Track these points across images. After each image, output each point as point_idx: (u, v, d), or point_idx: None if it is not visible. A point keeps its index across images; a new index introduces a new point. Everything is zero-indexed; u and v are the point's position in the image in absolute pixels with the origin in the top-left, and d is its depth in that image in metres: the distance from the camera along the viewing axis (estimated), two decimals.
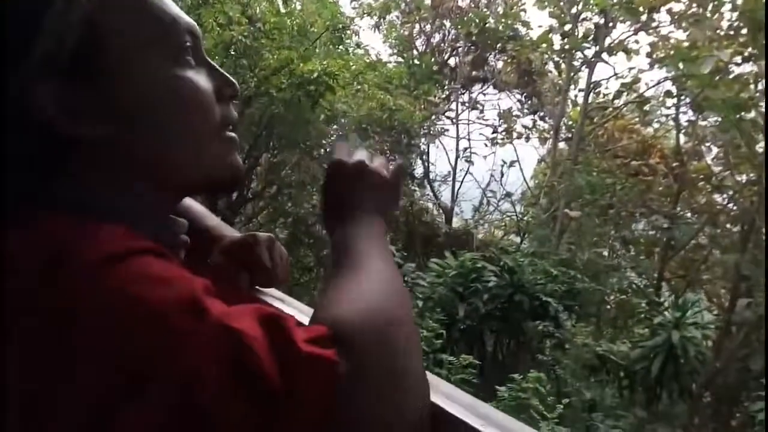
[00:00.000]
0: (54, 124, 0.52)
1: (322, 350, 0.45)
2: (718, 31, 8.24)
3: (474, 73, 12.60)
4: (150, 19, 0.56)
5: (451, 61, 12.69)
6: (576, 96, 10.91)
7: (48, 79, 0.52)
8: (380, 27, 12.01)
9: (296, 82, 6.29)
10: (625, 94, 10.35)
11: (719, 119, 7.96)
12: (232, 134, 0.63)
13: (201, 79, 0.59)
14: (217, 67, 0.62)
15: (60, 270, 0.44)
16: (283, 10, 6.77)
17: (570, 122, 11.20)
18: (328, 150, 8.30)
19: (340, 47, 8.53)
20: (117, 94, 0.55)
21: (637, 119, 11.08)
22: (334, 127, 8.50)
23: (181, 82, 0.57)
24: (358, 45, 9.88)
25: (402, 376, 0.50)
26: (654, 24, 9.58)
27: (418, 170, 11.74)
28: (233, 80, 0.63)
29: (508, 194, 12.11)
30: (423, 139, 11.13)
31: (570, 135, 11.17)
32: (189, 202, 0.92)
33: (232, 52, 6.38)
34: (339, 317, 0.49)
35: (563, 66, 11.03)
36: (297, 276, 8.70)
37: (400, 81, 9.80)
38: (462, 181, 12.20)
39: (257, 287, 0.83)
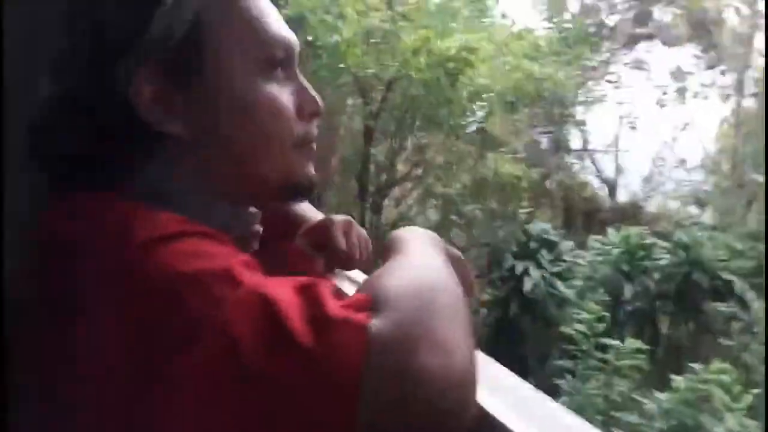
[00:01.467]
0: (147, 115, 0.56)
1: (353, 314, 0.47)
2: None
3: (637, 30, 11.46)
4: (247, 29, 0.60)
5: (610, 21, 11.66)
6: (762, 44, 9.40)
7: (149, 70, 0.55)
8: None
9: (435, 61, 6.20)
10: None
11: None
12: (310, 147, 0.66)
13: (284, 95, 0.62)
14: (306, 84, 0.65)
15: (124, 249, 0.49)
16: None
17: (756, 75, 9.70)
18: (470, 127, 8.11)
19: (485, 20, 8.24)
20: (206, 97, 0.58)
21: None
22: (478, 103, 8.28)
23: (264, 94, 0.60)
24: (503, 15, 9.49)
25: (444, 339, 0.48)
26: None
27: (576, 141, 11.01)
28: (317, 98, 0.65)
29: (682, 161, 10.88)
30: (579, 108, 10.40)
31: (757, 90, 9.68)
32: None
33: (372, 39, 6.45)
34: (380, 284, 0.52)
35: (745, 10, 9.56)
36: None
37: (550, 48, 9.23)
38: (626, 151, 11.21)
39: (337, 269, 0.85)
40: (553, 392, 6.89)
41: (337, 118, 7.18)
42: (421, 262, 0.60)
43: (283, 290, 0.48)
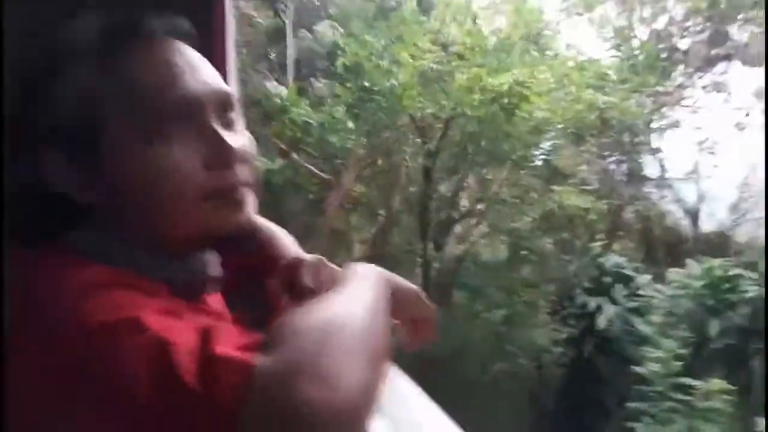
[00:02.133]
0: (62, 190, 0.63)
1: (240, 353, 0.50)
2: None
3: (713, 51, 10.94)
4: (134, 98, 0.63)
5: (682, 44, 11.22)
6: None
7: (53, 152, 0.62)
8: (593, 21, 11.22)
9: (488, 97, 6.22)
10: None
11: None
12: (233, 196, 0.68)
13: (179, 152, 0.64)
14: (219, 133, 0.66)
15: (44, 303, 0.55)
16: (473, 30, 6.78)
17: None
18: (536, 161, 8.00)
19: (546, 52, 8.20)
20: (106, 168, 0.63)
21: None
22: (544, 136, 8.17)
23: (155, 159, 0.63)
24: (567, 46, 9.39)
25: (330, 374, 0.50)
26: None
27: (651, 169, 10.53)
28: (226, 149, 0.66)
29: None
30: (653, 135, 10.00)
31: None
32: (264, 226, 1.01)
33: (427, 81, 6.59)
34: (282, 323, 0.55)
35: None
36: (517, 290, 8.47)
37: (618, 76, 9.01)
38: (708, 177, 10.59)
39: None
40: None
41: (397, 159, 7.31)
42: (337, 300, 0.63)
43: (184, 334, 0.52)
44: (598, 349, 7.88)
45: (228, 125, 0.69)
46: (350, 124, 6.82)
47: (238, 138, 0.69)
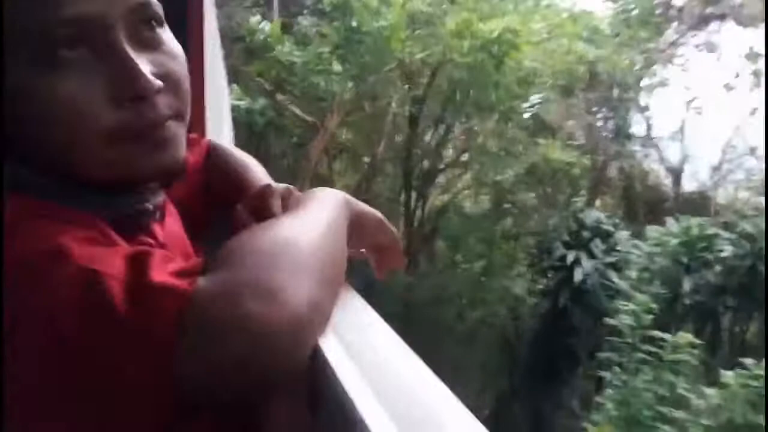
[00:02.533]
0: None
1: (176, 279, 0.48)
2: None
3: (708, 10, 10.79)
4: (17, 18, 0.54)
5: (677, 1, 11.03)
6: None
7: None
8: None
9: (478, 44, 6.09)
10: None
11: None
12: (153, 135, 0.58)
13: (72, 85, 0.55)
14: (128, 61, 0.56)
15: None
16: None
17: None
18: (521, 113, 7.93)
19: (543, 2, 8.01)
20: (4, 104, 0.55)
21: None
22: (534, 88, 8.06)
23: (45, 91, 0.54)
24: None
25: (273, 288, 0.48)
26: None
27: (638, 127, 10.52)
28: (138, 77, 0.55)
29: (753, 149, 10.20)
30: (642, 92, 9.93)
31: None
32: (236, 156, 0.98)
33: (417, 24, 6.42)
34: (227, 245, 0.53)
35: None
36: (497, 242, 8.55)
37: (611, 30, 8.87)
38: (693, 138, 10.62)
39: None
40: (600, 385, 6.71)
41: (383, 105, 7.19)
42: (288, 220, 0.61)
43: (111, 261, 0.49)
44: (573, 300, 8.06)
45: (147, 44, 0.58)
46: (337, 66, 6.66)
47: (161, 58, 0.58)
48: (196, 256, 0.84)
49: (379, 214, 0.83)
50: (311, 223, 0.61)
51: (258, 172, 0.96)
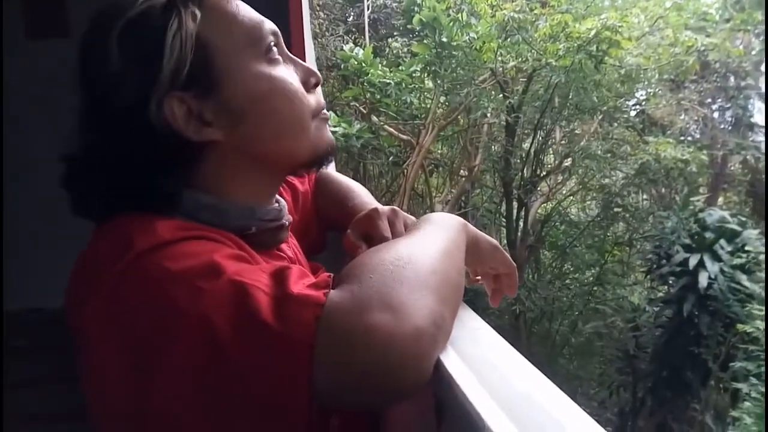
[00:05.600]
0: (187, 132, 0.65)
1: (313, 291, 0.53)
2: None
3: None
4: (241, 28, 0.68)
5: None
6: None
7: (174, 97, 0.64)
8: None
9: (574, 45, 5.89)
10: None
11: None
12: (325, 113, 0.74)
13: (289, 74, 0.70)
14: (299, 60, 0.73)
15: (122, 260, 0.56)
16: None
17: None
18: (627, 112, 7.54)
19: None
20: (227, 98, 0.66)
21: None
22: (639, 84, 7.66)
23: (275, 78, 0.68)
24: None
25: (397, 302, 0.52)
26: None
27: (760, 116, 9.63)
28: (315, 70, 0.73)
29: None
30: (761, 78, 9.10)
31: None
32: (341, 183, 1.06)
33: (508, 32, 6.32)
34: (355, 262, 0.58)
35: None
36: (609, 249, 8.13)
37: (722, 15, 8.23)
38: None
39: None
40: (736, 397, 6.12)
41: (477, 117, 7.13)
42: (408, 241, 0.65)
43: (258, 276, 0.55)
44: (699, 307, 7.44)
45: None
46: (429, 83, 6.70)
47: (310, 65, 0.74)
48: (315, 274, 0.89)
49: (494, 241, 0.83)
50: (430, 245, 0.64)
51: (363, 196, 1.02)
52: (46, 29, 2.03)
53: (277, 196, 0.80)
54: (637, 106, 8.59)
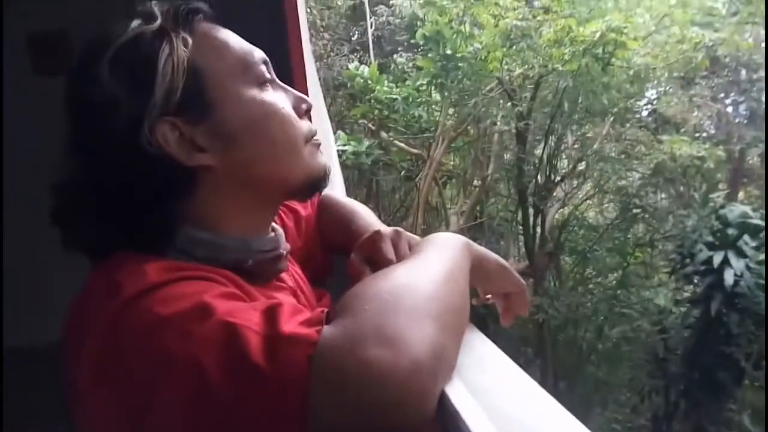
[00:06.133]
0: (180, 157, 0.64)
1: (305, 329, 0.51)
2: None
3: None
4: (232, 54, 0.68)
5: None
6: None
7: (166, 123, 0.64)
8: None
9: (580, 49, 5.85)
10: None
11: None
12: (316, 139, 0.74)
13: (281, 98, 0.71)
14: (289, 88, 0.74)
15: (113, 300, 0.56)
16: None
17: None
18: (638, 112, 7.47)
19: None
20: (219, 123, 0.66)
21: None
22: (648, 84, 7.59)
23: (267, 102, 0.69)
24: None
25: (394, 335, 0.49)
26: None
27: None
28: (305, 97, 0.73)
29: None
30: None
31: None
32: (344, 205, 1.04)
33: (512, 40, 6.32)
34: (349, 293, 0.56)
35: None
36: (631, 251, 8.00)
37: (729, 9, 8.15)
38: None
39: None
40: None
41: (487, 126, 7.11)
42: (407, 266, 0.63)
43: (249, 315, 0.53)
44: (727, 306, 7.27)
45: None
46: (436, 96, 6.70)
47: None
48: (320, 302, 0.87)
49: (501, 260, 0.81)
50: (429, 269, 0.61)
51: (367, 218, 1.00)
52: (52, 66, 2.06)
53: (274, 225, 0.79)
54: (649, 106, 8.51)
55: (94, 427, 0.56)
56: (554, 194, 7.45)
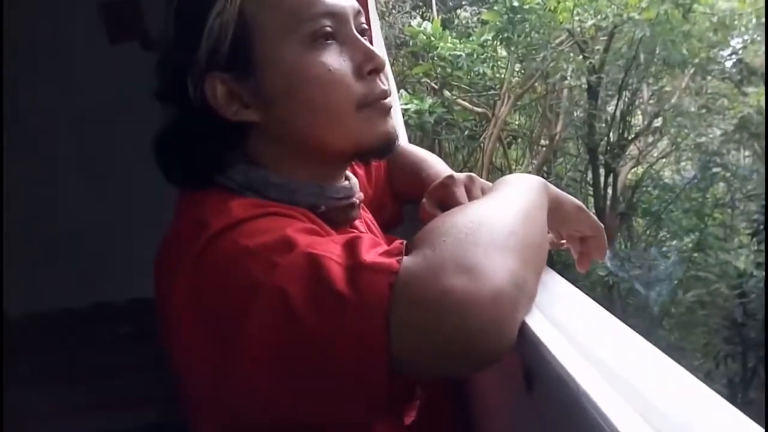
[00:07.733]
0: (225, 112, 0.68)
1: (387, 259, 0.53)
2: None
3: None
4: (285, 11, 0.67)
5: None
6: None
7: (213, 73, 0.66)
8: None
9: None
10: None
11: None
12: (383, 103, 0.71)
13: (334, 61, 0.68)
14: (362, 43, 0.70)
15: (202, 234, 0.60)
16: None
17: None
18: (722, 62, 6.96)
19: None
20: (264, 82, 0.67)
21: None
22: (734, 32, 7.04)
23: (314, 67, 0.66)
24: None
25: (474, 264, 0.49)
26: None
27: None
28: (376, 55, 0.69)
29: None
30: None
31: None
32: (414, 153, 1.06)
33: None
34: (428, 227, 0.57)
35: None
36: (709, 212, 7.59)
37: None
38: None
39: None
40: None
41: (556, 82, 6.83)
42: (484, 203, 0.63)
43: (330, 247, 0.55)
44: None
45: (363, 35, 0.71)
46: (501, 51, 6.47)
47: (375, 47, 0.71)
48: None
49: (578, 202, 0.79)
50: (507, 206, 0.61)
51: (437, 165, 1.01)
52: (127, 34, 2.15)
53: (348, 173, 0.80)
54: (733, 56, 7.90)
55: (186, 354, 0.58)
56: (627, 153, 7.13)
